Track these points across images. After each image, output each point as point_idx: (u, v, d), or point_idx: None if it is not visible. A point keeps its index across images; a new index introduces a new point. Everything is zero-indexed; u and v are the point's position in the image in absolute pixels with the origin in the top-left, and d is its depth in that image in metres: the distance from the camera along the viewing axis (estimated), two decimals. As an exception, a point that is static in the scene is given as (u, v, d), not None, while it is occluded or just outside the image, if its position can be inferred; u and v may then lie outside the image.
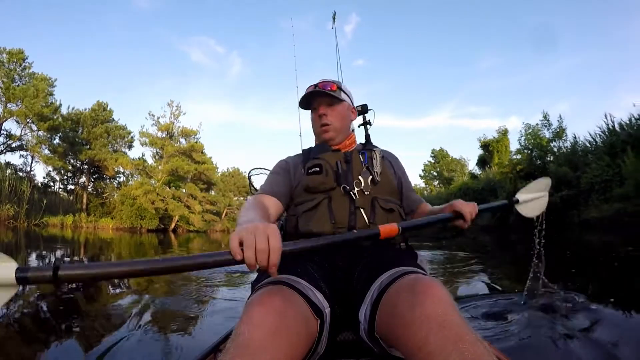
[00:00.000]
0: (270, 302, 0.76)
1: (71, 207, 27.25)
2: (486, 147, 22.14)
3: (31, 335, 2.30)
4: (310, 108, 1.42)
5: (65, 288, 3.52)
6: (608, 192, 10.58)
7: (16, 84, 25.45)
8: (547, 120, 14.28)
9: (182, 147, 28.24)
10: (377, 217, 1.21)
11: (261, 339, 0.69)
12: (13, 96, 24.45)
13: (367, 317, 0.90)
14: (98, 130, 29.24)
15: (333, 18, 2.91)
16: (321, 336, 0.88)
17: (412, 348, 0.72)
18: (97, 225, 26.09)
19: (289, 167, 1.36)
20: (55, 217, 24.15)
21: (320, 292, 0.94)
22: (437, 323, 0.71)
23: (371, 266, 1.04)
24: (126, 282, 3.99)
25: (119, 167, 29.91)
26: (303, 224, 1.22)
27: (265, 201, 1.22)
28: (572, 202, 11.82)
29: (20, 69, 26.22)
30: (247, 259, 0.73)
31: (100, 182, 32.44)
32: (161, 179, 27.67)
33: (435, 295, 0.76)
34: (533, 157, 14.09)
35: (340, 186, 1.24)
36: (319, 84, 1.38)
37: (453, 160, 36.50)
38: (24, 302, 3.01)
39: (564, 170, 12.26)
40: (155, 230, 26.00)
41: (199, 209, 27.76)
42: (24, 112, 23.83)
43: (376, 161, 1.31)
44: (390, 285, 0.88)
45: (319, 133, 1.39)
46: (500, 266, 5.49)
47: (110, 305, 3.04)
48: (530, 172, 13.39)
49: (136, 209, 25.83)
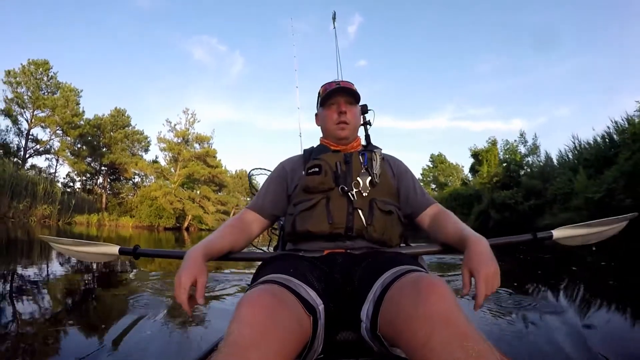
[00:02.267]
0: (259, 301, 0.77)
1: (92, 206, 29.56)
2: (476, 157, 24.16)
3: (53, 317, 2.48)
4: (327, 104, 1.38)
5: (91, 279, 4.18)
6: (567, 202, 12.66)
7: (42, 92, 27.82)
8: (523, 138, 16.43)
9: (198, 152, 30.56)
10: (375, 218, 1.19)
11: (251, 337, 0.70)
12: (44, 105, 26.82)
13: (369, 315, 0.89)
14: (118, 135, 31.63)
15: (333, 18, 2.94)
16: (316, 333, 0.87)
17: (415, 345, 0.71)
18: (118, 224, 28.38)
19: (286, 173, 1.37)
20: (81, 216, 26.49)
21: (312, 289, 0.93)
22: (441, 320, 0.71)
23: (373, 265, 1.03)
24: (145, 276, 4.39)
25: (137, 170, 32.29)
26: (300, 223, 1.22)
27: (248, 218, 1.31)
28: (539, 210, 13.90)
29: (47, 78, 28.51)
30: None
31: (117, 183, 34.87)
32: (177, 181, 29.94)
33: (440, 292, 0.76)
34: (509, 169, 16.21)
35: (338, 187, 1.23)
36: (341, 82, 1.38)
37: (450, 166, 38.54)
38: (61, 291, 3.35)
39: (533, 182, 14.35)
40: (171, 228, 28.32)
41: (212, 209, 30.07)
42: (56, 120, 26.18)
43: (376, 163, 1.28)
44: (393, 283, 0.87)
45: (334, 129, 1.35)
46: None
47: (126, 297, 3.14)
48: (505, 183, 15.54)
49: (155, 209, 28.12)
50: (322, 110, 1.40)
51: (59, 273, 4.39)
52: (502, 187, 15.69)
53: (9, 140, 27.25)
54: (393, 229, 1.24)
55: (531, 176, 15.17)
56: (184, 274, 0.93)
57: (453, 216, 1.23)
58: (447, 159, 39.40)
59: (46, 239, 1.52)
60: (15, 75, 27.15)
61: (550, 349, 1.81)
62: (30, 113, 27.72)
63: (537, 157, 16.28)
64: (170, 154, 30.94)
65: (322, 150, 1.38)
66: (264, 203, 1.33)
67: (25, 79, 27.15)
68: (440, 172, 38.39)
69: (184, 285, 0.92)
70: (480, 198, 17.88)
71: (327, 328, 0.92)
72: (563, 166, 14.44)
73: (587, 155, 13.54)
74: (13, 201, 20.55)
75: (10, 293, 3.13)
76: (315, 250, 1.21)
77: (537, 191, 14.53)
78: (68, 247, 1.48)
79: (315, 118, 1.49)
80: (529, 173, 15.60)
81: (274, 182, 1.37)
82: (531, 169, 15.82)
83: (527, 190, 14.57)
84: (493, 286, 0.92)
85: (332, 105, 1.37)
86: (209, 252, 1.08)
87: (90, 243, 1.47)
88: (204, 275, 0.96)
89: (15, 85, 27.00)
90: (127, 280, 4.26)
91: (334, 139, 1.38)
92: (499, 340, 1.90)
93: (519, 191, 14.84)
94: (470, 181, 23.78)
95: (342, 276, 1.07)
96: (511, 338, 1.97)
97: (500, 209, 15.36)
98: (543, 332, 2.07)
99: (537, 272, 4.54)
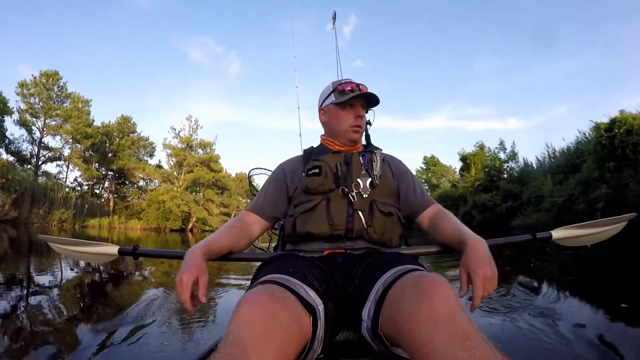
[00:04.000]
0: (258, 301, 0.77)
1: (101, 210, 31.27)
2: (465, 160, 25.75)
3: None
4: (344, 105, 1.33)
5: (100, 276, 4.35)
6: (539, 205, 14.35)
7: (52, 102, 29.51)
8: (502, 146, 18.23)
9: (202, 158, 32.28)
10: (375, 220, 1.19)
11: (250, 337, 0.70)
12: (57, 115, 28.42)
13: (370, 315, 0.88)
14: (125, 142, 33.28)
15: (333, 18, 2.93)
16: (316, 333, 0.86)
17: (417, 344, 0.71)
18: (127, 226, 30.01)
19: (285, 175, 1.36)
20: (93, 219, 28.16)
21: (312, 289, 0.92)
22: (444, 320, 0.70)
23: (373, 265, 1.02)
24: (149, 276, 4.61)
25: (144, 175, 34.09)
26: (301, 225, 1.22)
27: (248, 220, 1.32)
28: (516, 212, 15.59)
29: (57, 88, 30.04)
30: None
31: (122, 187, 36.55)
32: (182, 185, 31.58)
33: (442, 292, 0.76)
34: (490, 175, 17.95)
35: (338, 188, 1.23)
36: (360, 85, 1.34)
37: (443, 167, 40.18)
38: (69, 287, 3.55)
39: (510, 186, 16.05)
40: (177, 230, 29.97)
41: (216, 212, 31.75)
42: (71, 131, 27.89)
43: (376, 164, 1.28)
44: (394, 283, 0.87)
45: (348, 131, 1.32)
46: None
47: (127, 297, 3.22)
48: (486, 187, 17.28)
49: (162, 212, 29.73)
50: (337, 110, 1.34)
51: (66, 273, 4.65)
52: (483, 191, 17.42)
53: (23, 148, 28.89)
54: (393, 230, 1.24)
55: (509, 180, 16.90)
56: (186, 273, 0.93)
57: (453, 217, 1.23)
58: (440, 161, 41.10)
59: (45, 238, 1.49)
60: (27, 86, 28.66)
61: (550, 349, 1.81)
62: (42, 122, 29.33)
63: (516, 163, 18.03)
64: (175, 159, 32.61)
65: (322, 151, 1.37)
66: (263, 205, 1.34)
67: (37, 90, 28.68)
68: (433, 174, 40.06)
69: (186, 284, 0.91)
70: (466, 200, 19.55)
71: (327, 328, 0.92)
72: (537, 172, 16.17)
73: (558, 162, 15.29)
74: (33, 207, 22.15)
75: (27, 291, 3.30)
76: (316, 250, 1.20)
77: (514, 194, 16.23)
78: (67, 248, 1.46)
79: (319, 113, 1.43)
80: (507, 178, 17.33)
81: (273, 184, 1.37)
82: (510, 174, 17.57)
83: (505, 193, 16.30)
84: (490, 288, 0.91)
85: (351, 108, 1.33)
86: (209, 252, 1.08)
87: (89, 243, 1.45)
88: (205, 274, 0.97)
89: (29, 97, 28.52)
90: (129, 280, 4.31)
91: (347, 141, 1.35)
92: (499, 340, 1.91)
93: (497, 194, 16.56)
94: (458, 184, 25.45)
95: (342, 276, 1.07)
96: (511, 338, 1.99)
97: (482, 210, 17.02)
98: (543, 332, 2.06)
99: (537, 273, 4.70)
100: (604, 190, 10.44)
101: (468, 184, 19.03)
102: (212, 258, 1.12)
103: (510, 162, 18.17)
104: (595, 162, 11.48)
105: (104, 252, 1.42)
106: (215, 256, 1.14)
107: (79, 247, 1.44)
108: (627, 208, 9.89)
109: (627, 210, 9.65)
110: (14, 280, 3.91)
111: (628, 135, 10.47)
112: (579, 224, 1.37)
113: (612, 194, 10.28)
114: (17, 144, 28.48)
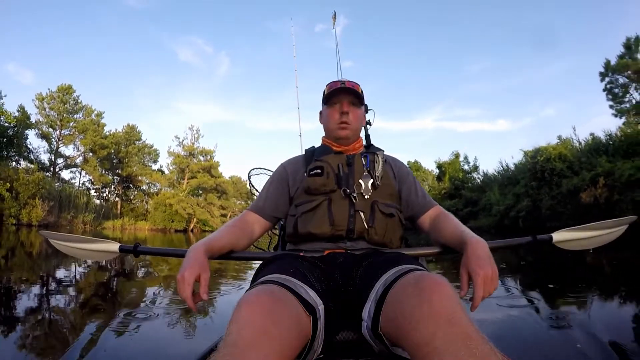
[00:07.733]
0: (258, 301, 0.77)
1: (109, 212, 34.51)
2: (440, 168, 29.30)
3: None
4: (330, 103, 1.35)
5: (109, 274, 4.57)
6: (490, 211, 17.92)
7: (67, 114, 32.49)
8: (466, 160, 22.00)
9: (203, 164, 35.59)
10: (376, 221, 1.19)
11: (250, 337, 0.69)
12: (74, 127, 31.61)
13: (371, 314, 0.88)
14: (132, 149, 36.50)
15: (333, 18, 2.97)
16: (316, 333, 0.87)
17: (418, 344, 0.70)
18: (136, 227, 33.25)
19: (287, 175, 1.36)
20: (108, 222, 31.45)
21: (312, 289, 0.92)
22: (445, 320, 0.70)
23: (374, 265, 1.02)
24: (153, 271, 4.78)
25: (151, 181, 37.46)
26: (302, 225, 1.22)
27: (249, 220, 1.32)
28: (474, 215, 19.18)
29: (72, 102, 33.01)
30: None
31: (128, 191, 39.73)
32: (185, 189, 34.80)
33: (443, 292, 0.75)
34: (454, 184, 21.65)
35: (340, 189, 1.22)
36: (346, 81, 1.36)
37: (424, 172, 43.51)
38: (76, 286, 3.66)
39: (470, 194, 19.67)
40: (180, 230, 33.16)
41: (217, 214, 35.12)
42: (88, 142, 31.21)
43: (378, 165, 1.28)
44: (395, 282, 0.87)
45: (335, 129, 1.33)
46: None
47: (132, 295, 3.33)
48: (451, 194, 20.95)
49: (168, 214, 32.97)
50: (326, 109, 1.38)
51: (68, 269, 4.84)
52: (449, 197, 21.03)
53: (41, 158, 31.89)
54: (394, 232, 1.24)
55: (471, 189, 20.51)
56: (188, 270, 0.93)
57: (453, 218, 1.23)
58: (423, 166, 44.35)
59: (46, 234, 1.45)
60: (43, 99, 31.62)
61: (552, 350, 1.83)
62: (58, 133, 32.32)
63: (478, 174, 21.77)
64: (179, 167, 35.94)
65: (324, 151, 1.36)
66: (264, 205, 1.34)
67: (55, 105, 31.82)
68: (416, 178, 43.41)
69: (188, 281, 0.91)
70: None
71: (327, 328, 0.92)
72: (493, 183, 19.79)
73: (506, 175, 18.96)
74: (61, 212, 25.20)
75: (47, 289, 3.39)
76: (316, 250, 1.20)
77: (473, 201, 19.84)
78: (67, 244, 1.42)
79: (319, 116, 1.46)
80: (469, 187, 20.96)
81: (274, 184, 1.37)
82: (472, 184, 21.23)
83: (466, 200, 19.88)
84: (490, 288, 0.91)
85: (335, 105, 1.35)
86: (210, 250, 1.08)
87: (90, 240, 1.42)
88: (207, 271, 0.96)
89: (48, 110, 31.59)
90: (130, 278, 4.34)
91: (334, 139, 1.36)
92: (500, 340, 1.91)
93: (460, 201, 20.13)
94: (435, 189, 28.97)
95: (343, 276, 1.07)
96: (511, 338, 2.01)
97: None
98: (544, 332, 2.08)
99: (538, 272, 4.84)
100: (525, 202, 14.03)
101: (437, 191, 22.70)
102: (213, 256, 1.12)
103: (472, 173, 21.89)
104: (524, 180, 15.08)
105: (104, 249, 1.40)
106: (216, 254, 1.14)
107: (80, 243, 1.42)
108: (540, 218, 13.40)
109: (541, 219, 13.51)
110: (26, 277, 4.12)
111: (547, 162, 14.05)
112: (580, 227, 1.37)
113: (532, 206, 13.86)
114: (37, 154, 31.43)
